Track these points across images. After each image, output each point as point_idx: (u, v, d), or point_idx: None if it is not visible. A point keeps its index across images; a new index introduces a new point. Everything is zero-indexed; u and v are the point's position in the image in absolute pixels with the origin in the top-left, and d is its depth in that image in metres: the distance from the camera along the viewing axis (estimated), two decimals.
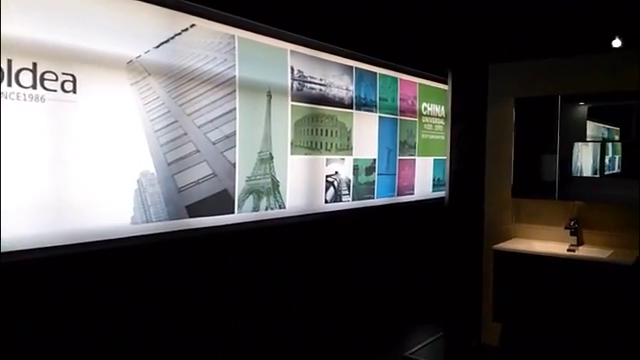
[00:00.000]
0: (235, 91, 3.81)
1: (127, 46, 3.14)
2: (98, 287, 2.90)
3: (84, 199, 2.90)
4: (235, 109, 3.81)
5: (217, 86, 3.67)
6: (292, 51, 4.48)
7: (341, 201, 5.19)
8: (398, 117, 6.11)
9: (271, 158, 4.29)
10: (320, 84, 4.87)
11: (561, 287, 3.07)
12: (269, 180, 4.28)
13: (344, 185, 5.26)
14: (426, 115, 6.68)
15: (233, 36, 3.80)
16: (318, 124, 4.86)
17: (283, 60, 4.42)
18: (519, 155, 3.61)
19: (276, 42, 4.31)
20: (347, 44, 5.04)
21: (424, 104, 6.63)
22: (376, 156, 5.74)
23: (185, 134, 3.46)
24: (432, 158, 6.74)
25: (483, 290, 3.69)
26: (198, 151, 3.53)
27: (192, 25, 3.54)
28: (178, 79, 3.43)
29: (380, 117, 5.78)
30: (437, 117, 6.83)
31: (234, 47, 3.80)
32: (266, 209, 4.27)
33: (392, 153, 6.04)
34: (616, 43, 5.11)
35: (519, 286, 3.21)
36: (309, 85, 4.73)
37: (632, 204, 3.16)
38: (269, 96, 4.24)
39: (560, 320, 3.08)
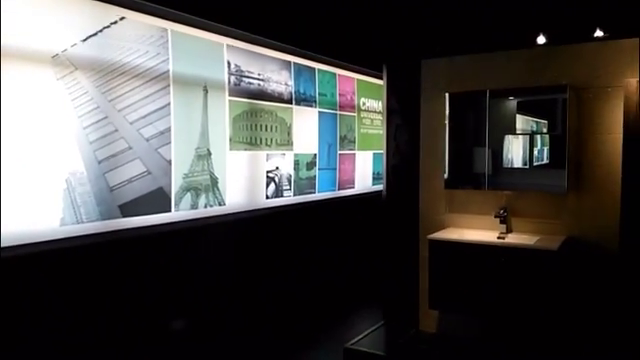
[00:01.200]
0: (169, 86, 3.71)
1: (52, 39, 3.00)
2: (27, 291, 2.76)
3: (8, 201, 2.74)
4: (169, 104, 3.71)
5: (150, 80, 3.57)
6: (228, 45, 4.42)
7: (282, 196, 5.19)
8: (338, 112, 6.17)
9: (209, 154, 4.22)
10: (258, 79, 4.84)
11: (492, 273, 3.21)
12: (207, 177, 4.21)
13: (285, 180, 5.26)
14: (365, 110, 6.79)
15: (166, 29, 3.70)
16: (257, 119, 4.83)
17: (219, 54, 4.35)
18: (453, 148, 3.73)
19: (211, 36, 4.24)
20: (285, 39, 5.02)
21: (362, 99, 6.73)
22: (317, 151, 5.77)
23: (116, 130, 3.34)
24: (372, 152, 6.87)
25: (420, 279, 3.80)
26: (130, 148, 3.42)
27: (122, 18, 3.41)
28: (108, 73, 3.31)
29: (320, 112, 5.82)
30: (375, 112, 6.95)
31: (167, 40, 3.71)
32: (205, 206, 4.20)
33: (332, 148, 6.10)
34: (541, 39, 5.40)
35: (453, 274, 3.33)
36: (247, 80, 4.68)
37: (558, 192, 3.34)
38: (205, 91, 4.16)
39: (492, 305, 3.22)
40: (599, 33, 5.07)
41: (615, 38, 3.71)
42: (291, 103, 5.30)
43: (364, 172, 6.76)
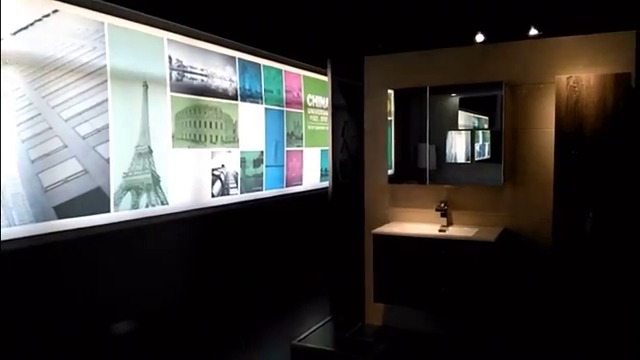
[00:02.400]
0: (107, 81, 3.58)
1: None
2: None
3: None
4: (107, 100, 3.58)
5: (86, 76, 3.43)
6: (169, 40, 4.32)
7: (229, 194, 5.12)
8: (284, 109, 6.16)
9: (150, 152, 4.11)
10: (202, 74, 4.75)
11: (434, 265, 3.30)
12: (149, 175, 4.10)
13: (231, 178, 5.20)
14: (312, 107, 6.81)
15: (102, 23, 3.57)
16: (201, 116, 4.74)
17: (159, 49, 4.24)
18: (396, 144, 3.79)
19: (151, 30, 4.12)
20: (228, 34, 4.95)
21: (309, 96, 6.74)
22: (264, 148, 5.74)
23: (50, 128, 3.19)
24: (319, 149, 6.89)
25: (365, 273, 3.86)
26: (66, 146, 3.28)
27: (55, 11, 3.27)
28: (40, 68, 3.16)
29: (266, 109, 5.78)
30: (323, 109, 6.97)
31: (104, 34, 3.57)
32: (147, 206, 4.09)
33: (280, 145, 6.08)
34: (479, 38, 5.59)
35: (397, 267, 3.39)
36: (190, 75, 4.59)
37: (495, 186, 3.46)
38: (145, 87, 4.05)
39: (435, 296, 3.31)
40: (534, 32, 5.31)
41: (547, 36, 3.89)
42: (236, 99, 5.23)
43: (312, 169, 6.78)
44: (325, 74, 5.26)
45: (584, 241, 3.04)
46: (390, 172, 3.83)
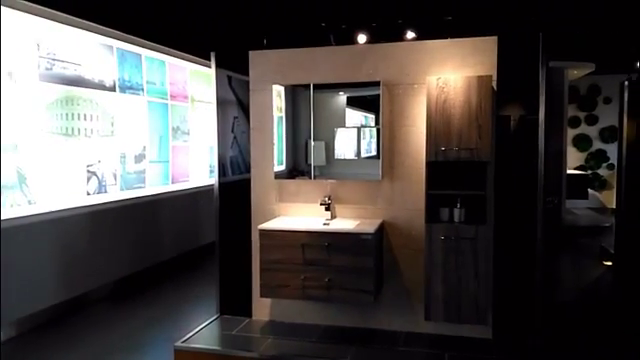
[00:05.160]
0: None
1: None
2: None
3: None
4: None
5: None
6: (39, 26, 3.97)
7: (106, 192, 4.83)
8: (169, 102, 5.93)
9: (14, 147, 3.75)
10: (75, 64, 4.42)
11: (319, 257, 3.38)
12: (13, 173, 3.74)
13: (110, 175, 4.91)
14: (199, 101, 6.63)
15: None
16: (74, 108, 4.41)
17: (26, 35, 3.88)
18: (290, 140, 3.81)
19: (15, 14, 3.76)
20: (104, 21, 4.65)
21: (196, 89, 6.55)
22: (146, 143, 5.48)
23: None
24: (208, 145, 6.72)
25: (252, 269, 3.84)
26: None
27: None
28: None
29: (149, 101, 5.53)
30: (212, 103, 6.82)
31: None
32: (11, 206, 3.74)
33: (164, 139, 5.85)
34: (362, 38, 5.79)
35: (283, 261, 3.42)
36: (61, 65, 4.25)
37: (374, 180, 3.61)
38: (10, 76, 3.69)
39: (321, 287, 3.38)
40: (410, 34, 5.61)
41: (421, 39, 4.13)
42: (115, 91, 4.94)
43: (200, 165, 6.61)
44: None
45: (453, 230, 3.29)
46: (282, 168, 3.85)
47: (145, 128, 5.46)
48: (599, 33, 6.71)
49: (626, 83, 5.66)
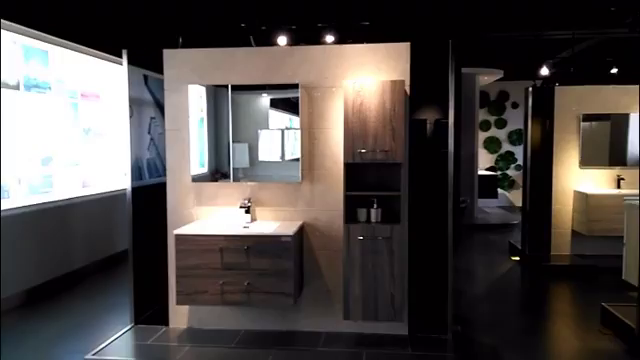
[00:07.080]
0: None
1: None
2: None
3: None
4: None
5: None
6: None
7: (8, 197, 4.49)
8: (79, 101, 5.61)
9: None
10: None
11: (237, 261, 3.32)
12: None
13: (12, 179, 4.56)
14: (114, 101, 6.32)
15: None
16: None
17: None
18: (212, 141, 3.71)
19: None
20: (8, 15, 4.32)
21: (110, 88, 6.25)
22: (54, 145, 5.15)
23: None
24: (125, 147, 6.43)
25: (168, 276, 3.72)
26: None
27: None
28: None
29: (56, 100, 5.20)
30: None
31: None
32: None
33: (74, 141, 5.52)
34: (282, 40, 5.79)
35: (200, 266, 3.34)
36: None
37: (294, 182, 3.61)
38: None
39: (240, 291, 3.33)
40: (330, 38, 5.69)
41: (340, 43, 4.19)
42: (18, 89, 4.61)
43: (116, 168, 6.31)
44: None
45: (370, 230, 3.37)
46: (204, 170, 3.75)
47: (53, 129, 5.13)
48: (507, 41, 7.16)
49: (530, 89, 6.08)
